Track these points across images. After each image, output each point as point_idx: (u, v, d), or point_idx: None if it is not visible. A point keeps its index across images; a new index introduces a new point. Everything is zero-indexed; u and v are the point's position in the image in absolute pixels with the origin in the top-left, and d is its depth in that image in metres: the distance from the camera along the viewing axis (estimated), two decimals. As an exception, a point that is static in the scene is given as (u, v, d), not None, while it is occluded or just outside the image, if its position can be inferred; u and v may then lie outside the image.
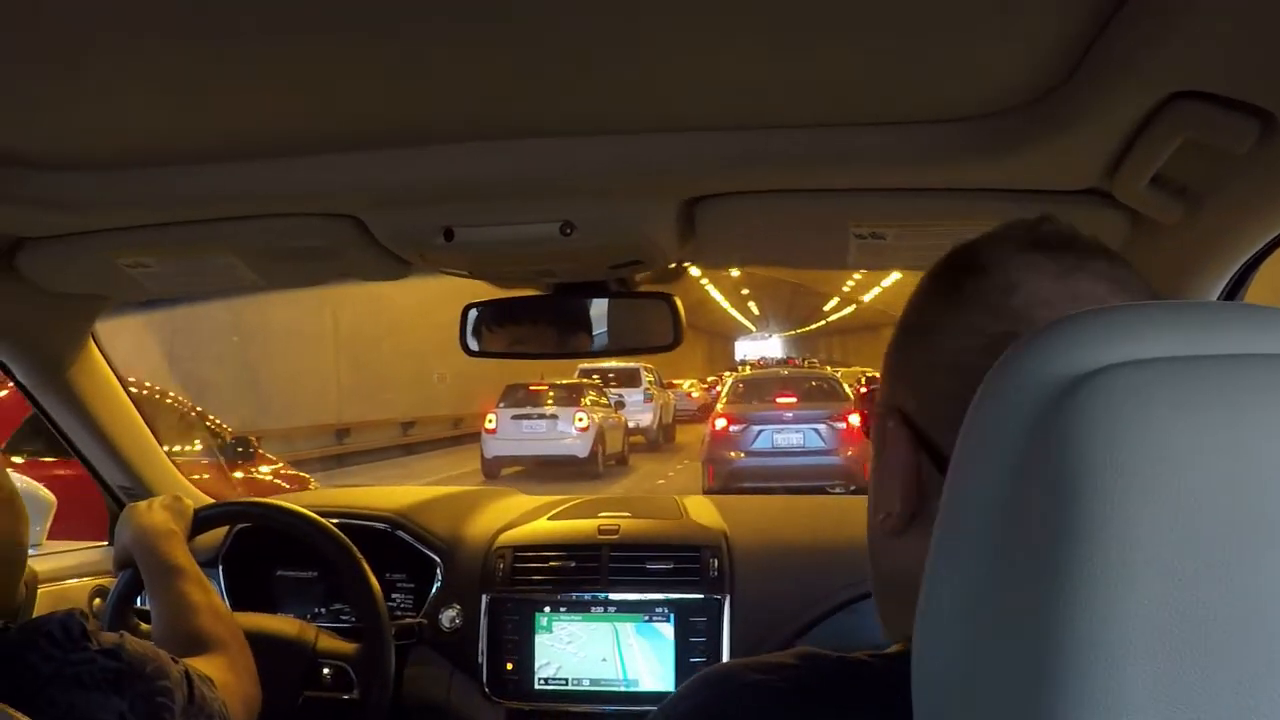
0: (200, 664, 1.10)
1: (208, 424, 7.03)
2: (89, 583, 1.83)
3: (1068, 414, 0.40)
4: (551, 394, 14.21)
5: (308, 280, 1.44)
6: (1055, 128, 0.91)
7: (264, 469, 7.17)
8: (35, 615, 0.97)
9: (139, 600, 1.47)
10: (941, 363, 0.61)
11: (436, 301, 11.28)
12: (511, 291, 1.51)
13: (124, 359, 1.81)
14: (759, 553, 1.73)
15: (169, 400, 6.91)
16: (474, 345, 1.48)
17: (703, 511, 1.86)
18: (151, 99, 0.93)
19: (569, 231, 1.15)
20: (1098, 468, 0.38)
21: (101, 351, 1.71)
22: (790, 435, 11.39)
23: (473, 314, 1.48)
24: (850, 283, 39.04)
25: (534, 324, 1.48)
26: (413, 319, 16.14)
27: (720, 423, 11.79)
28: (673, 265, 1.41)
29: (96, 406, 1.72)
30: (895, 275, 30.39)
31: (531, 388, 14.32)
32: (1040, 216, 0.63)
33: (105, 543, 1.98)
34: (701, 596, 1.65)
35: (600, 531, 1.77)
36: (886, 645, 0.65)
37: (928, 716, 0.46)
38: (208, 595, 1.31)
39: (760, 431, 11.41)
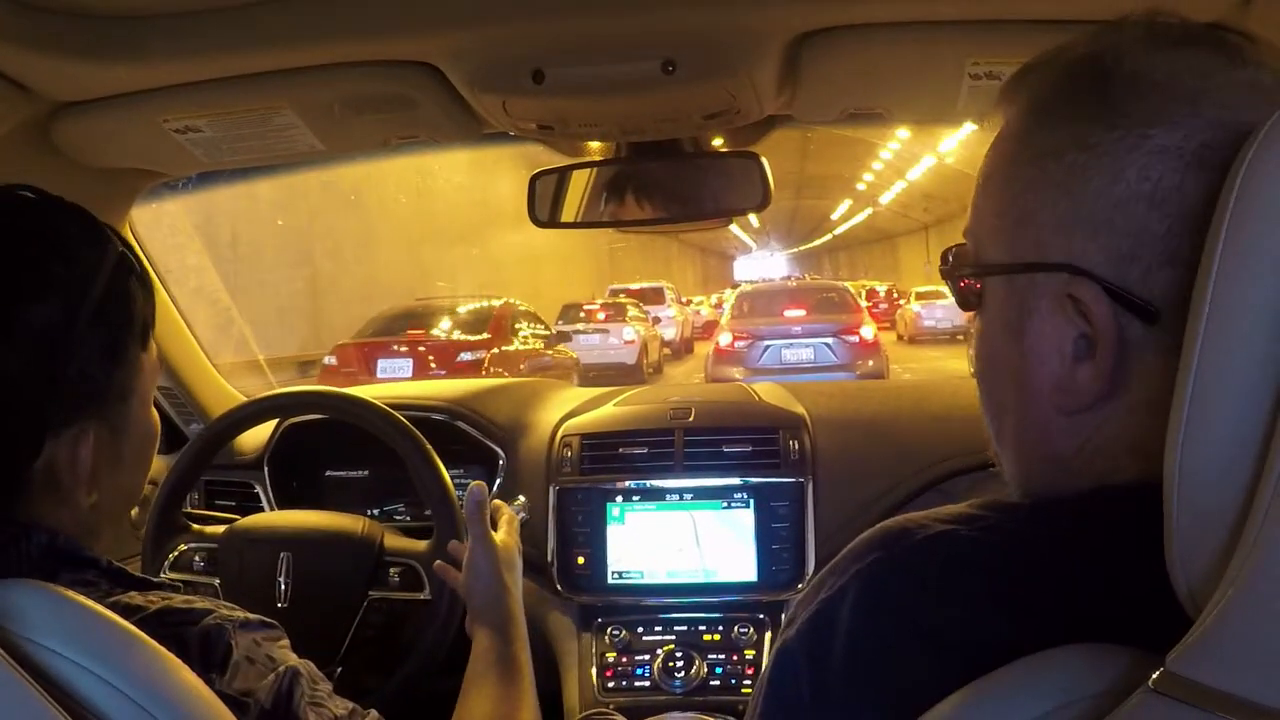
0: None
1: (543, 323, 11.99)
2: None
3: None
4: (601, 311, 16.70)
5: (370, 143, 1.32)
6: None
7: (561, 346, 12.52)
8: None
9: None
10: (1125, 195, 0.53)
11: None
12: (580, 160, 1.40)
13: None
14: (839, 433, 1.66)
15: (529, 308, 11.98)
16: (544, 216, 1.37)
17: (775, 395, 1.78)
18: None
19: (671, 69, 1.04)
20: None
21: (138, 240, 1.58)
22: (800, 350, 11.01)
23: (541, 183, 1.37)
24: (868, 176, 36.33)
25: (609, 190, 1.37)
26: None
27: (724, 339, 11.40)
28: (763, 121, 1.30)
29: None
30: (925, 164, 29.32)
31: (585, 306, 17.06)
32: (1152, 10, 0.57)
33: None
34: (783, 480, 1.58)
35: (672, 415, 1.69)
36: None
37: (1190, 541, 0.46)
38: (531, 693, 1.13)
39: (767, 347, 11.02)
